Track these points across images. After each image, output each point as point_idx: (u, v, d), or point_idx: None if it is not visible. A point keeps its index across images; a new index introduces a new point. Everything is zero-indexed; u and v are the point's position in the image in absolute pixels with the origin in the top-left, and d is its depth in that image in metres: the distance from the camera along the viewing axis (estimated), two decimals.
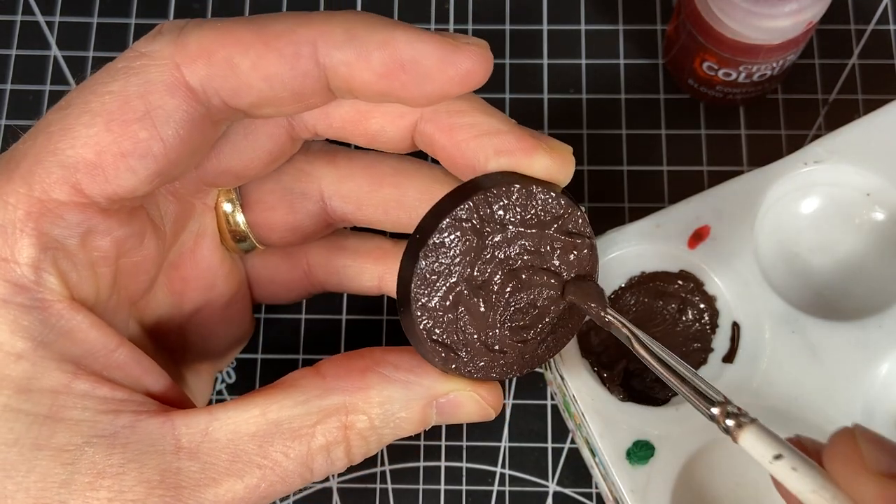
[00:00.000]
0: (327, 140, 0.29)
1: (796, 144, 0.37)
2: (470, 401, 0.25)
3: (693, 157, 0.39)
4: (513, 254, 0.25)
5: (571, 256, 0.25)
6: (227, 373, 0.37)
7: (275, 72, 0.23)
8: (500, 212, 0.24)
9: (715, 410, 0.22)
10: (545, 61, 0.40)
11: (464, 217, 0.23)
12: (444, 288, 0.24)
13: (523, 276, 0.25)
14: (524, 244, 0.25)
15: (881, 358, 0.30)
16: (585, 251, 0.25)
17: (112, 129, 0.22)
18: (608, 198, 0.38)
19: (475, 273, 0.24)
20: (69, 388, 0.23)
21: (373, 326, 0.37)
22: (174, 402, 0.25)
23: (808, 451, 0.22)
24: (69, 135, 0.23)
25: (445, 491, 0.35)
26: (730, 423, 0.22)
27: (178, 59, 0.23)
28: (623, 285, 0.32)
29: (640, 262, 0.32)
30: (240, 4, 0.41)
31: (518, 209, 0.24)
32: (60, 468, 0.22)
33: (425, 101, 0.24)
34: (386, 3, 0.41)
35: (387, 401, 0.24)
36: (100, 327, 0.24)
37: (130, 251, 0.25)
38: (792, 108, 0.39)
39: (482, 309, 0.25)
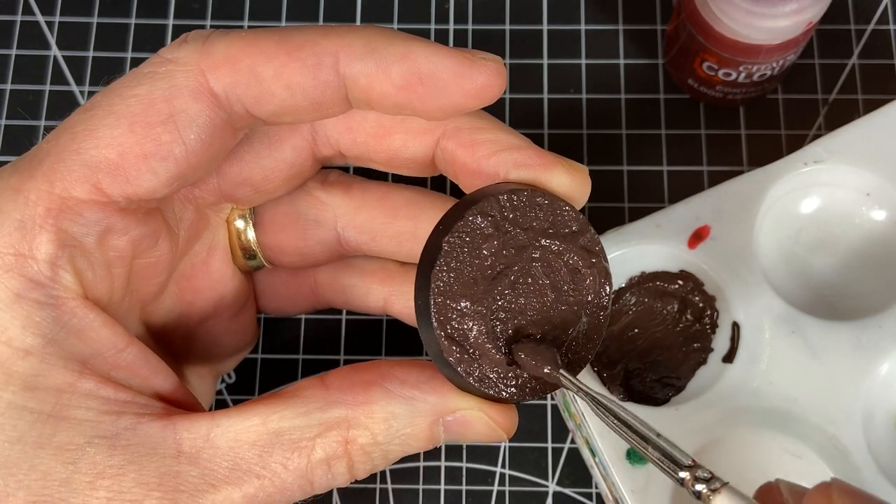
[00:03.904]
0: (345, 170, 0.29)
1: (796, 144, 0.37)
2: (479, 421, 0.25)
3: (693, 157, 0.39)
4: (533, 261, 0.24)
5: (589, 277, 0.25)
6: (228, 373, 0.37)
7: (297, 81, 0.23)
8: (522, 213, 0.24)
9: (683, 474, 0.21)
10: (545, 61, 0.40)
11: (488, 211, 0.24)
12: (462, 285, 0.24)
13: (543, 289, 0.25)
14: (544, 254, 0.24)
15: (881, 358, 0.30)
16: (602, 276, 0.25)
17: (136, 130, 0.23)
18: (608, 198, 0.38)
19: (494, 274, 0.24)
20: (74, 388, 0.23)
21: (373, 327, 0.37)
22: (181, 402, 0.25)
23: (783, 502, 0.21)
24: (93, 135, 0.23)
25: (445, 491, 0.35)
26: (700, 487, 0.21)
27: (204, 66, 0.23)
28: (623, 285, 0.32)
29: (640, 262, 0.32)
30: (239, 4, 0.41)
31: (541, 214, 0.24)
32: (61, 467, 0.22)
33: (441, 113, 0.24)
34: (386, 3, 0.41)
35: (390, 416, 0.24)
36: (111, 326, 0.24)
37: (145, 251, 0.25)
38: (792, 108, 0.39)
39: (499, 313, 0.24)
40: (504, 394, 0.24)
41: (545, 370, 0.24)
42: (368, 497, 0.36)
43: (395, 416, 0.24)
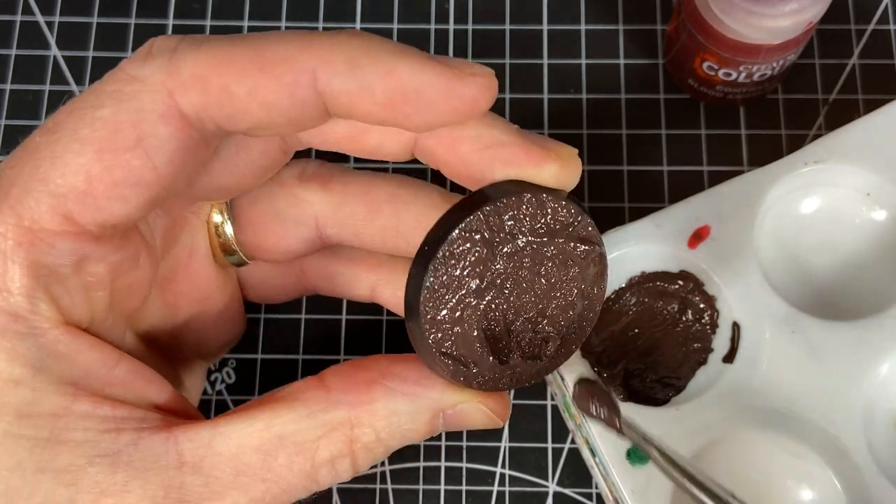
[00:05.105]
0: (324, 158, 0.29)
1: (796, 144, 0.37)
2: (477, 412, 0.25)
3: (693, 157, 0.39)
4: (523, 264, 0.24)
5: (581, 263, 0.25)
6: (228, 373, 0.37)
7: (273, 99, 0.22)
8: (510, 222, 0.24)
9: None
10: (545, 61, 0.40)
11: (473, 228, 0.23)
12: (453, 300, 0.24)
13: (535, 287, 0.25)
14: (534, 254, 0.24)
15: (881, 358, 0.30)
16: (595, 258, 0.25)
17: (103, 158, 0.22)
18: (608, 198, 0.38)
19: (484, 285, 0.24)
20: (70, 411, 0.23)
21: (373, 327, 0.37)
22: (178, 410, 0.25)
23: None
24: (59, 163, 0.22)
25: (445, 491, 0.35)
26: None
27: (171, 87, 0.22)
28: (623, 285, 0.32)
29: (640, 262, 0.32)
30: (239, 4, 0.41)
31: (528, 219, 0.24)
32: (63, 489, 0.22)
33: (426, 127, 0.23)
34: (386, 3, 0.41)
35: (393, 414, 0.24)
36: (98, 347, 0.24)
37: (126, 273, 0.25)
38: (792, 108, 0.39)
39: (492, 321, 0.25)
40: (501, 384, 0.25)
41: (603, 416, 0.25)
42: (368, 497, 0.36)
43: (397, 413, 0.24)
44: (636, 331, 0.32)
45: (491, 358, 0.25)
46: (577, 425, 0.32)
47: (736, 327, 0.31)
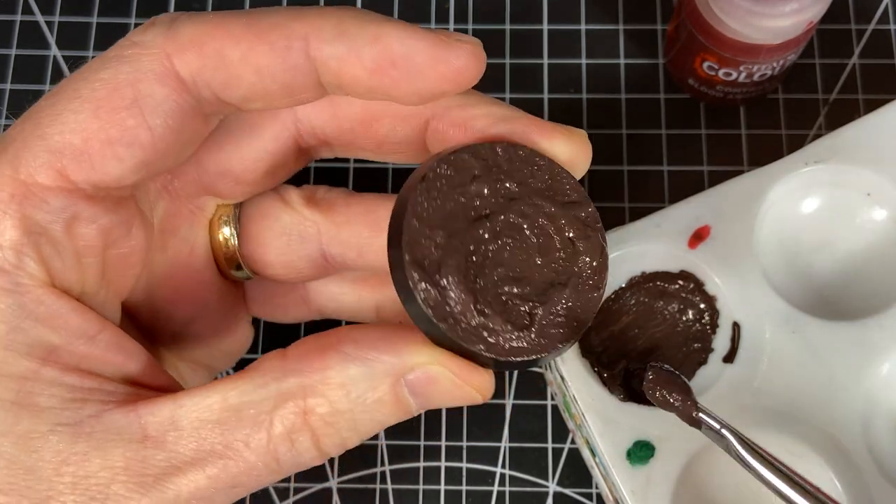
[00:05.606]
0: (332, 186, 0.29)
1: (796, 144, 0.37)
2: (443, 377, 0.23)
3: (693, 157, 0.39)
4: (522, 216, 0.24)
5: (579, 247, 0.24)
6: (228, 373, 0.37)
7: (265, 64, 0.23)
8: (517, 167, 0.23)
9: None
10: (545, 61, 0.40)
11: (479, 154, 0.23)
12: (441, 214, 0.23)
13: (528, 248, 0.24)
14: (532, 211, 0.24)
15: (882, 358, 0.30)
16: (595, 248, 0.24)
17: (100, 115, 0.23)
18: (608, 198, 0.38)
19: (478, 214, 0.23)
20: (37, 375, 0.22)
21: None
22: (161, 386, 0.25)
23: None
24: (57, 120, 0.23)
25: (445, 491, 0.35)
26: None
27: (169, 50, 0.23)
28: (623, 285, 0.32)
29: (640, 262, 0.32)
30: (239, 5, 0.41)
31: (533, 174, 0.23)
32: (25, 455, 0.22)
33: (417, 98, 0.23)
34: (386, 3, 0.41)
35: (348, 381, 0.23)
36: (81, 313, 0.23)
37: (118, 241, 0.25)
38: (792, 107, 0.39)
39: (477, 255, 0.23)
40: (479, 347, 0.23)
41: (678, 402, 0.24)
42: (368, 497, 0.36)
43: (353, 380, 0.23)
44: (636, 331, 0.32)
45: (468, 298, 0.22)
46: (578, 425, 0.32)
47: (736, 327, 0.31)
